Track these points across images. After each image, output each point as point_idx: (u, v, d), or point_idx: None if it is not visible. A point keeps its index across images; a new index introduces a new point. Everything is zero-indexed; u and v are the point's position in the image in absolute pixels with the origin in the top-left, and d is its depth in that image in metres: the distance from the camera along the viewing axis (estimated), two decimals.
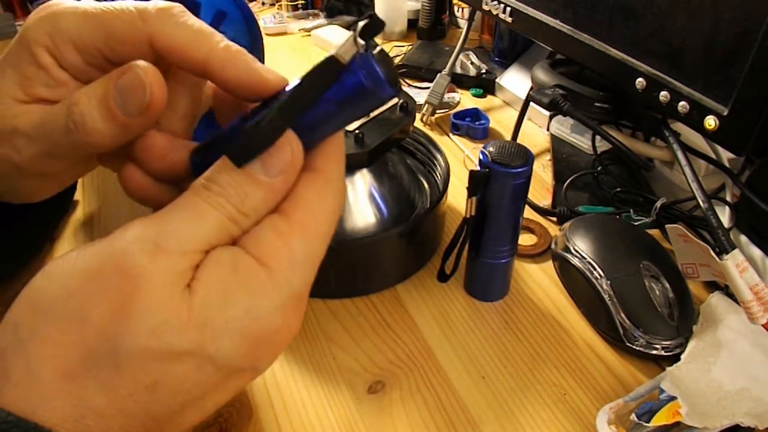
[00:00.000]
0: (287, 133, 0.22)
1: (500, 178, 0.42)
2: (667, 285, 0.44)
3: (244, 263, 0.21)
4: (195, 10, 0.73)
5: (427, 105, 0.72)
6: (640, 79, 0.46)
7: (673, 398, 0.38)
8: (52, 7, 0.25)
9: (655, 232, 0.51)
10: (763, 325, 0.40)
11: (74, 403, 0.19)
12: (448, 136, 0.70)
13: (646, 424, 0.37)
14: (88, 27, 0.25)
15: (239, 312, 0.20)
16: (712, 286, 0.48)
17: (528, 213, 0.56)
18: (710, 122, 0.41)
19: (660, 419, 0.37)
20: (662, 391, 0.39)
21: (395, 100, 0.50)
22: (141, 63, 0.23)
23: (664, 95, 0.45)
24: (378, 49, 0.22)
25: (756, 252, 0.48)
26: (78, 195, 0.59)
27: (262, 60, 0.70)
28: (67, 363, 0.19)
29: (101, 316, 0.19)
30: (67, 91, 0.25)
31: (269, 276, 0.21)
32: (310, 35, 0.96)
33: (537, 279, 0.51)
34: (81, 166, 0.29)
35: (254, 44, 0.71)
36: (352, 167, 0.48)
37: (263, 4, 1.11)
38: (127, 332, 0.19)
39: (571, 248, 0.47)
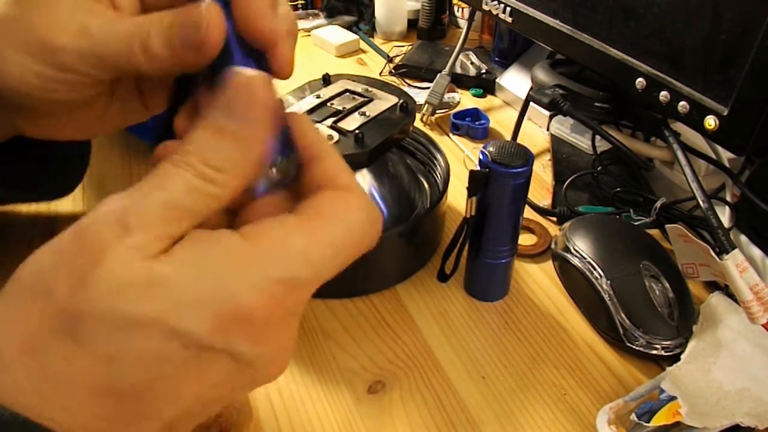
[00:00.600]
0: (244, 72, 0.21)
1: (500, 178, 0.42)
2: (667, 285, 0.44)
3: (227, 238, 0.20)
4: None
5: (427, 105, 0.72)
6: (640, 79, 0.46)
7: (673, 398, 0.38)
8: None
9: (655, 232, 0.51)
10: (763, 325, 0.40)
11: (32, 375, 0.18)
12: (448, 136, 0.70)
13: (646, 424, 0.37)
14: None
15: (207, 282, 0.19)
16: (712, 286, 0.48)
17: (528, 213, 0.56)
18: (710, 122, 0.41)
19: (660, 419, 0.37)
20: (662, 391, 0.39)
21: (396, 100, 0.50)
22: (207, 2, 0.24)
23: (664, 95, 0.45)
24: None
25: (756, 252, 0.48)
26: (78, 195, 0.59)
27: None
28: (30, 336, 0.19)
29: (62, 289, 0.19)
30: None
31: (252, 250, 0.20)
32: (309, 35, 0.96)
33: (537, 279, 0.51)
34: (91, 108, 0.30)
35: None
36: (352, 167, 0.47)
37: None
38: (82, 300, 0.18)
39: (571, 248, 0.47)
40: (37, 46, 0.26)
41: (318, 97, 0.50)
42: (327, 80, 0.52)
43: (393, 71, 0.84)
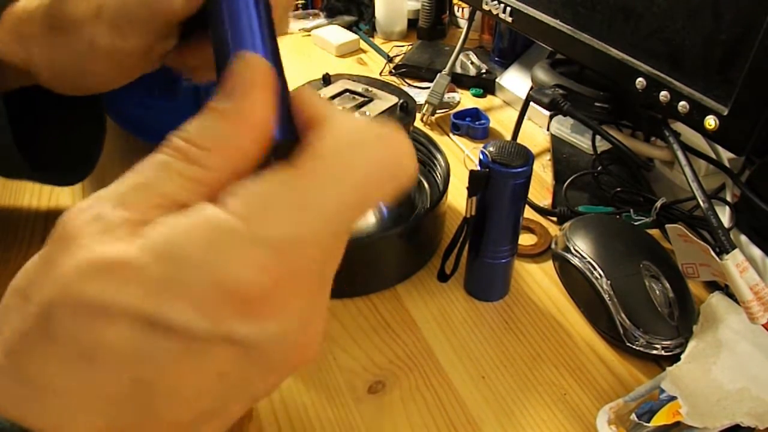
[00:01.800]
0: (241, 53, 0.20)
1: (500, 178, 0.42)
2: (667, 285, 0.44)
3: (201, 210, 0.17)
4: None
5: (427, 105, 0.72)
6: (640, 79, 0.46)
7: (673, 398, 0.38)
8: None
9: (655, 232, 0.51)
10: (763, 325, 0.40)
11: (18, 380, 0.17)
12: (448, 136, 0.70)
13: (646, 424, 0.37)
14: None
15: (183, 261, 0.17)
16: (712, 286, 0.48)
17: (528, 213, 0.56)
18: (710, 122, 0.41)
19: (660, 419, 0.37)
20: (662, 391, 0.39)
21: (396, 100, 0.50)
22: None
23: (664, 95, 0.45)
24: None
25: (756, 252, 0.48)
26: (78, 195, 0.59)
27: None
28: (12, 338, 0.17)
29: (35, 284, 0.17)
30: None
31: (229, 217, 0.17)
32: (310, 35, 0.96)
33: (537, 279, 0.51)
34: (145, 54, 0.33)
35: None
36: None
37: None
38: (51, 290, 0.17)
39: (571, 248, 0.47)
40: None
41: None
42: (327, 80, 0.52)
43: (393, 71, 0.84)
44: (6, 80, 0.38)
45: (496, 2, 0.61)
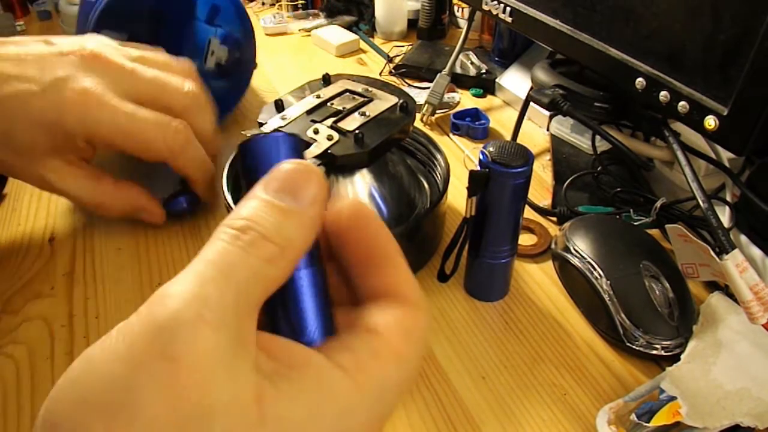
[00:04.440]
0: (308, 164, 0.21)
1: (500, 178, 0.42)
2: (667, 285, 0.44)
3: (330, 375, 0.19)
4: (192, 4, 0.73)
5: (427, 105, 0.72)
6: (640, 79, 0.46)
7: (673, 398, 0.38)
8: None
9: (655, 232, 0.51)
10: (763, 325, 0.40)
11: None
12: (448, 136, 0.70)
13: (646, 424, 0.37)
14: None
15: (326, 427, 0.18)
16: (712, 286, 0.48)
17: (528, 213, 0.56)
18: (710, 122, 0.41)
19: (660, 419, 0.37)
20: (662, 391, 0.39)
21: (396, 100, 0.50)
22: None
23: (664, 95, 0.45)
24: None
25: (756, 252, 0.48)
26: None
27: (254, 54, 0.70)
28: None
29: (154, 411, 0.16)
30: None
31: (359, 391, 0.19)
32: (310, 35, 0.96)
33: (537, 279, 0.51)
34: None
35: (246, 38, 0.72)
36: (352, 167, 0.48)
37: (263, 4, 1.11)
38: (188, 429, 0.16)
39: (571, 248, 0.47)
40: None
41: (318, 97, 0.50)
42: (327, 80, 0.52)
43: (393, 71, 0.84)
44: None
45: (495, 2, 0.61)
